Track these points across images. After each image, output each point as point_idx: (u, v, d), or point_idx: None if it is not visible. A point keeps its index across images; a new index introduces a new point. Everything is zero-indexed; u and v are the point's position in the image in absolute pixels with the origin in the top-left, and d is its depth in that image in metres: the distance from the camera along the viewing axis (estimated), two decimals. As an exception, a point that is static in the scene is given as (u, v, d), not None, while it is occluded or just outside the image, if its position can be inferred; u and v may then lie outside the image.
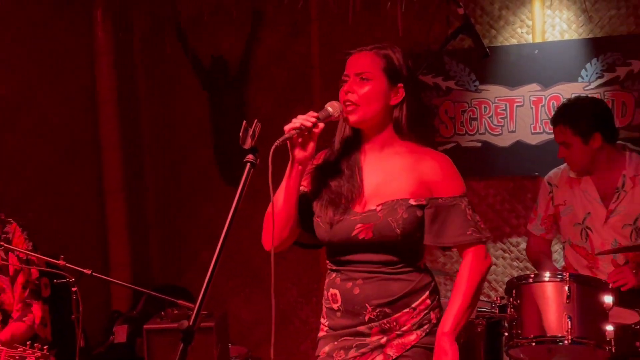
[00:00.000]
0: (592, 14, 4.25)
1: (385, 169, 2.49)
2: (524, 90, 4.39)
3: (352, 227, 2.43)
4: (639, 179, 3.64)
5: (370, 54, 2.47)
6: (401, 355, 2.45)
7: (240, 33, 5.00)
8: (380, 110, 2.45)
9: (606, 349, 3.05)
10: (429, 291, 2.52)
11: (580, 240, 3.76)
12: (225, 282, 5.19)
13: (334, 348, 2.51)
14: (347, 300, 2.48)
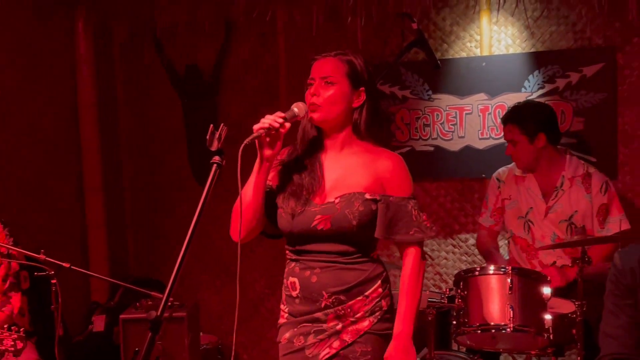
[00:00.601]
0: (535, 30, 4.28)
1: (343, 165, 2.51)
2: (472, 99, 4.41)
3: (312, 218, 2.45)
4: (575, 180, 3.71)
5: (334, 60, 2.49)
6: (355, 340, 2.47)
7: (213, 43, 4.96)
8: (342, 111, 2.48)
9: (545, 336, 3.09)
10: (380, 280, 2.54)
11: (522, 232, 3.83)
12: (197, 275, 5.16)
13: (294, 334, 2.52)
14: (305, 288, 2.49)
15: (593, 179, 3.71)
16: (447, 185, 4.59)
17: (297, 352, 2.50)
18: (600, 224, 3.68)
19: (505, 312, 3.06)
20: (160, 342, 3.75)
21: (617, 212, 3.69)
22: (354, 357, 2.45)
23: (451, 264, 4.60)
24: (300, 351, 2.50)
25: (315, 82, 2.48)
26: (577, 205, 3.70)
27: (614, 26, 4.09)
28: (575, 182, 3.72)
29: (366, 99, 2.51)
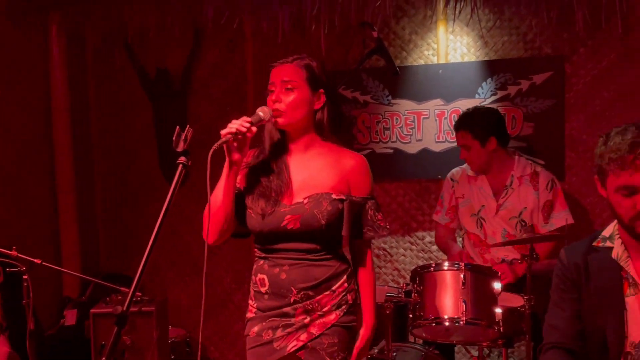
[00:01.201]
0: (488, 39, 4.32)
1: (310, 166, 2.51)
2: (429, 105, 4.44)
3: (281, 218, 2.45)
4: (524, 179, 3.78)
5: (293, 66, 2.49)
6: (322, 333, 2.48)
7: (182, 49, 4.93)
8: (305, 114, 2.48)
9: (495, 328, 3.12)
10: (346, 275, 2.56)
11: (475, 229, 3.87)
12: (167, 271, 5.13)
13: (263, 328, 2.51)
14: (274, 284, 2.49)
15: (540, 177, 3.77)
16: (405, 185, 4.61)
17: (265, 345, 2.50)
18: (545, 219, 3.74)
19: (459, 306, 3.09)
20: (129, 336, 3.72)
21: (561, 207, 3.75)
22: (322, 349, 2.47)
23: (409, 260, 4.62)
24: (268, 344, 2.50)
25: (276, 89, 2.47)
26: (525, 202, 3.76)
27: (562, 37, 4.15)
28: (523, 180, 3.78)
29: (326, 100, 2.52)
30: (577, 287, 2.23)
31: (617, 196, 2.09)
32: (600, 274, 2.20)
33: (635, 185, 2.03)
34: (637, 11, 3.85)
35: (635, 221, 2.07)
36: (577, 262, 2.24)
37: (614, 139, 2.07)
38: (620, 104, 4.06)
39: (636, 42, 3.99)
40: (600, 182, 2.15)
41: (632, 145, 2.02)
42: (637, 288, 2.15)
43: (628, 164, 2.02)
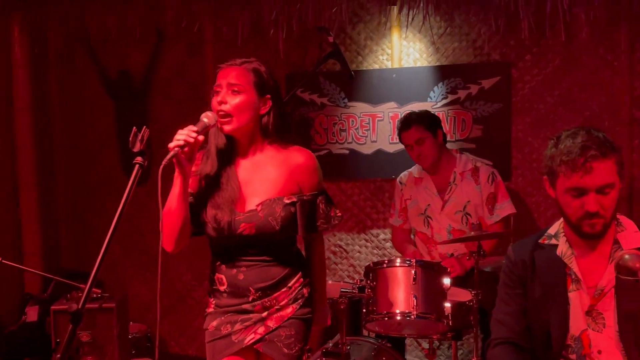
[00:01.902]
0: (439, 45, 4.32)
1: (259, 171, 2.45)
2: (384, 107, 4.43)
3: (237, 227, 2.39)
4: (465, 175, 3.82)
5: (240, 69, 2.39)
6: (280, 325, 2.45)
7: (144, 50, 4.84)
8: (251, 119, 2.39)
9: (444, 322, 3.12)
10: (302, 271, 2.53)
11: (423, 228, 3.89)
12: (128, 267, 5.03)
13: (221, 322, 2.47)
14: (233, 284, 2.45)
15: (480, 172, 3.81)
16: (360, 185, 4.60)
17: (224, 338, 2.46)
18: (490, 211, 3.78)
19: (410, 301, 3.08)
20: (90, 332, 3.63)
21: (504, 198, 3.80)
22: (279, 340, 2.44)
23: (364, 256, 4.61)
24: (226, 337, 2.46)
25: (222, 90, 2.37)
26: (468, 196, 3.79)
27: (509, 44, 4.18)
28: (465, 176, 3.82)
29: (272, 105, 2.42)
30: (524, 282, 2.24)
31: (566, 197, 2.09)
32: (546, 270, 2.21)
33: (585, 187, 2.04)
34: (579, 20, 3.89)
35: (583, 221, 2.08)
36: (524, 259, 2.25)
37: (564, 142, 2.07)
38: (562, 108, 4.10)
39: (578, 49, 4.04)
40: (549, 182, 2.16)
41: (582, 149, 2.03)
42: (580, 284, 2.15)
43: (579, 167, 2.03)
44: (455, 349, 3.54)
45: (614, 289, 2.11)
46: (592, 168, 2.02)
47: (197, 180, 2.46)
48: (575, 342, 2.14)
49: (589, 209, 2.04)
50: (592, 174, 2.02)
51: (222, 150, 2.45)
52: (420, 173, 3.91)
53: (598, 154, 2.02)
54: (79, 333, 3.61)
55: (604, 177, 2.03)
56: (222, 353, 2.46)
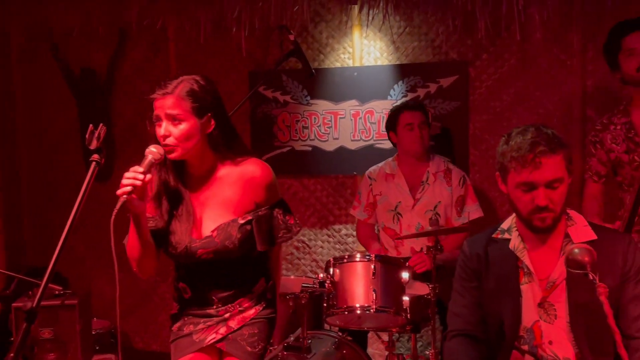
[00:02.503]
0: (399, 44, 4.32)
1: (213, 192, 2.39)
2: (345, 105, 4.42)
3: (195, 252, 2.36)
4: (438, 175, 3.82)
5: (175, 96, 2.26)
6: (243, 325, 2.45)
7: (107, 48, 4.76)
8: (198, 142, 2.30)
9: (403, 315, 3.11)
10: (264, 276, 2.52)
11: (391, 224, 3.87)
12: (92, 263, 4.95)
13: (185, 323, 2.47)
14: (196, 293, 2.44)
15: (453, 174, 3.82)
16: (323, 181, 4.58)
17: (185, 337, 2.45)
18: (458, 213, 3.80)
19: (369, 295, 3.06)
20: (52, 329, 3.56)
21: (472, 202, 3.83)
22: (242, 339, 2.43)
23: (326, 251, 4.60)
24: (188, 336, 2.45)
25: (162, 122, 2.26)
26: (440, 197, 3.79)
27: (466, 43, 4.19)
28: (438, 176, 3.82)
29: (216, 122, 2.32)
30: (478, 276, 2.25)
31: (517, 192, 2.11)
32: (499, 263, 2.23)
33: (534, 182, 2.06)
34: (534, 20, 3.92)
35: (533, 215, 2.11)
36: (479, 253, 2.26)
37: (515, 139, 2.10)
38: (517, 106, 4.13)
39: (533, 49, 4.07)
40: (501, 178, 2.18)
41: (532, 145, 2.05)
42: (532, 277, 2.17)
43: (528, 162, 2.05)
44: (414, 341, 3.55)
45: (565, 281, 2.13)
46: (541, 163, 2.04)
47: (154, 205, 2.39)
48: (527, 333, 2.16)
49: (539, 203, 2.06)
50: (541, 169, 2.04)
51: (174, 177, 2.37)
52: (392, 169, 3.90)
53: (547, 150, 2.04)
54: (41, 330, 3.54)
55: (552, 172, 2.05)
56: (184, 351, 2.44)
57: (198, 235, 2.36)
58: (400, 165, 3.89)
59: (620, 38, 2.97)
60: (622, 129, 3.05)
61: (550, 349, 2.12)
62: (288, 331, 3.48)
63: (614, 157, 3.10)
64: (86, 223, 4.91)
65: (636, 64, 2.90)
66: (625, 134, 3.03)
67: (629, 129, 3.02)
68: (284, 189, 4.59)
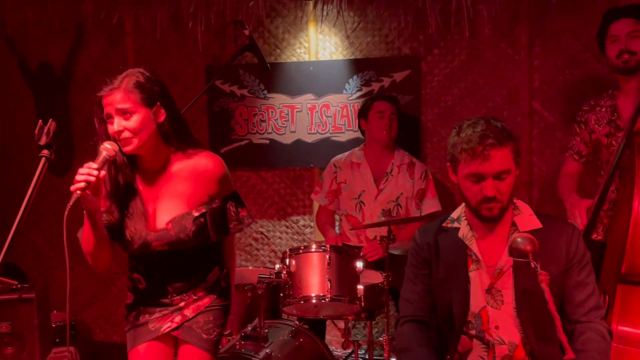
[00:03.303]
0: (353, 40, 4.29)
1: (167, 186, 2.34)
2: (302, 99, 4.38)
3: (149, 245, 2.31)
4: (402, 168, 3.84)
5: (122, 90, 2.22)
6: (198, 313, 2.41)
7: (64, 42, 4.63)
8: (152, 132, 2.26)
9: (357, 303, 3.11)
10: (218, 265, 2.48)
11: (354, 212, 3.87)
12: (52, 258, 4.83)
13: (140, 313, 2.42)
14: (151, 284, 2.40)
15: (416, 168, 3.85)
16: (281, 173, 4.54)
17: (141, 326, 2.41)
18: (417, 205, 3.83)
19: (324, 285, 3.05)
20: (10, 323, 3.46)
21: (432, 196, 3.86)
22: (198, 327, 2.40)
23: (284, 242, 4.56)
24: (143, 325, 2.41)
25: (113, 118, 2.22)
26: (402, 189, 3.81)
27: (418, 39, 4.19)
28: (401, 169, 3.84)
29: (166, 111, 2.29)
30: (428, 263, 2.25)
31: (466, 182, 2.11)
32: (448, 251, 2.23)
33: (483, 173, 2.06)
34: (482, 17, 3.94)
35: (481, 205, 2.11)
36: (429, 241, 2.26)
37: (465, 131, 2.10)
38: (468, 99, 4.15)
39: (482, 44, 4.09)
40: (452, 168, 2.18)
41: (481, 137, 2.05)
42: (480, 264, 2.17)
43: (478, 154, 2.05)
44: (370, 327, 3.54)
45: (512, 268, 2.14)
46: (489, 155, 2.05)
47: (109, 200, 2.33)
48: (475, 319, 2.16)
49: (487, 194, 2.07)
50: (489, 161, 2.05)
51: (127, 171, 2.32)
52: (358, 159, 3.90)
53: (496, 143, 2.05)
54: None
55: (500, 164, 2.06)
56: (139, 340, 2.41)
57: (153, 229, 2.32)
58: (367, 155, 3.89)
59: (608, 24, 2.97)
60: (607, 112, 3.05)
61: (496, 334, 2.13)
62: (246, 321, 3.44)
63: (595, 138, 3.10)
64: (46, 217, 4.79)
65: (617, 51, 2.91)
66: (609, 116, 3.04)
67: (612, 112, 3.03)
68: (242, 181, 4.54)
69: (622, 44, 2.90)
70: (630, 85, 2.97)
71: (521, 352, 2.11)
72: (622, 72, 2.97)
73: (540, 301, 1.83)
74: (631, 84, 2.96)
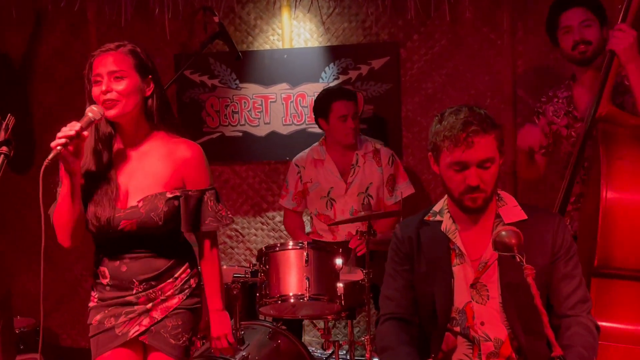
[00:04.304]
0: (329, 26, 4.28)
1: (142, 164, 2.35)
2: (276, 89, 4.36)
3: (117, 223, 2.29)
4: (367, 157, 3.84)
5: (117, 53, 2.28)
6: (166, 316, 2.37)
7: (22, 32, 4.57)
8: (138, 102, 2.30)
9: (337, 302, 3.12)
10: (188, 262, 2.45)
11: (325, 210, 3.86)
12: (13, 261, 4.76)
13: (105, 316, 2.38)
14: (115, 277, 2.36)
15: (381, 154, 3.85)
16: (255, 167, 4.52)
17: (107, 331, 2.37)
18: (390, 192, 3.83)
19: (302, 283, 3.06)
20: (-30, 330, 3.42)
21: (403, 179, 3.87)
22: (166, 331, 2.37)
23: (260, 239, 4.55)
24: (109, 330, 2.37)
25: (103, 79, 2.26)
26: (371, 178, 3.81)
27: (397, 24, 4.19)
28: (367, 158, 3.83)
29: (154, 87, 2.35)
30: (410, 258, 2.25)
31: (449, 171, 2.12)
32: (431, 245, 2.23)
33: (466, 161, 2.07)
34: (462, 0, 3.94)
35: (464, 195, 2.11)
36: (410, 236, 2.26)
37: (448, 119, 2.10)
38: (449, 86, 4.17)
39: (463, 29, 4.11)
40: (434, 158, 2.18)
41: (464, 124, 2.06)
42: (464, 258, 2.18)
43: (461, 142, 2.05)
44: (351, 327, 3.55)
45: (497, 262, 2.15)
46: (473, 143, 2.05)
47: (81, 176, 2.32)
48: (459, 315, 2.17)
49: (470, 183, 2.07)
50: (473, 149, 2.05)
51: (104, 143, 2.34)
52: (320, 155, 3.88)
53: (479, 130, 2.05)
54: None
55: (484, 152, 2.07)
56: (106, 346, 2.37)
57: (123, 206, 2.31)
58: (329, 150, 3.87)
59: (558, 15, 2.97)
60: (563, 103, 3.09)
61: (482, 330, 2.14)
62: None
63: (555, 129, 3.13)
64: (7, 217, 4.72)
65: (571, 42, 2.92)
66: (566, 107, 3.07)
67: (569, 103, 3.06)
68: (214, 176, 4.51)
69: (577, 35, 2.89)
70: (587, 75, 2.99)
71: (508, 348, 2.12)
72: (578, 63, 2.98)
73: (527, 295, 1.84)
74: (588, 74, 2.98)
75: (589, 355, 2.02)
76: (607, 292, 2.50)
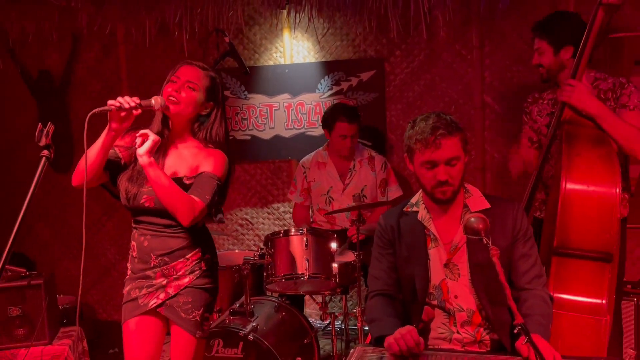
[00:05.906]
0: (324, 44, 4.31)
1: (174, 156, 2.38)
2: (279, 98, 4.39)
3: (140, 198, 2.33)
4: (363, 162, 3.85)
5: (200, 71, 2.35)
6: (178, 293, 2.38)
7: (61, 51, 4.58)
8: (192, 112, 2.35)
9: (333, 280, 3.15)
10: (201, 247, 2.44)
11: (325, 206, 3.89)
12: (57, 248, 4.81)
13: (132, 287, 2.42)
14: (140, 250, 2.40)
15: (376, 160, 3.86)
16: (262, 165, 4.55)
17: (133, 301, 2.41)
18: (382, 193, 3.85)
19: (303, 264, 3.08)
20: (20, 307, 3.44)
21: (393, 183, 3.90)
22: (178, 306, 2.38)
23: (267, 227, 4.57)
24: (134, 300, 2.41)
25: (178, 82, 2.32)
26: (365, 181, 3.83)
27: (382, 42, 4.21)
28: (363, 163, 3.84)
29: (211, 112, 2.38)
30: (392, 244, 2.27)
31: (422, 169, 2.14)
32: (409, 232, 2.25)
33: (435, 160, 2.10)
34: (438, 21, 3.97)
35: (435, 189, 2.14)
36: (392, 224, 2.28)
37: (419, 124, 2.13)
38: (427, 95, 4.19)
39: (438, 46, 4.12)
40: (409, 158, 2.21)
41: (433, 129, 2.09)
42: (437, 242, 2.20)
43: (430, 144, 2.09)
44: (345, 301, 3.59)
45: (466, 244, 2.17)
46: (441, 144, 2.08)
47: (130, 154, 2.37)
48: (436, 290, 2.19)
49: (440, 178, 2.10)
50: (441, 149, 2.08)
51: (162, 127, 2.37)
52: (323, 158, 3.90)
53: (445, 133, 2.08)
54: (10, 309, 3.43)
55: (450, 151, 2.10)
56: (131, 313, 2.41)
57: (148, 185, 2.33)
58: (331, 155, 3.90)
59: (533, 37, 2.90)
60: (548, 104, 3.03)
61: (456, 302, 2.17)
62: (234, 299, 3.46)
63: (537, 128, 3.11)
64: (50, 211, 4.75)
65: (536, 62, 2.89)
66: (550, 108, 3.02)
67: (553, 105, 3.02)
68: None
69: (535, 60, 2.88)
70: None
71: (478, 317, 2.15)
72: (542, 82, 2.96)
73: (492, 272, 1.86)
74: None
75: (546, 322, 2.05)
76: (565, 268, 2.51)
